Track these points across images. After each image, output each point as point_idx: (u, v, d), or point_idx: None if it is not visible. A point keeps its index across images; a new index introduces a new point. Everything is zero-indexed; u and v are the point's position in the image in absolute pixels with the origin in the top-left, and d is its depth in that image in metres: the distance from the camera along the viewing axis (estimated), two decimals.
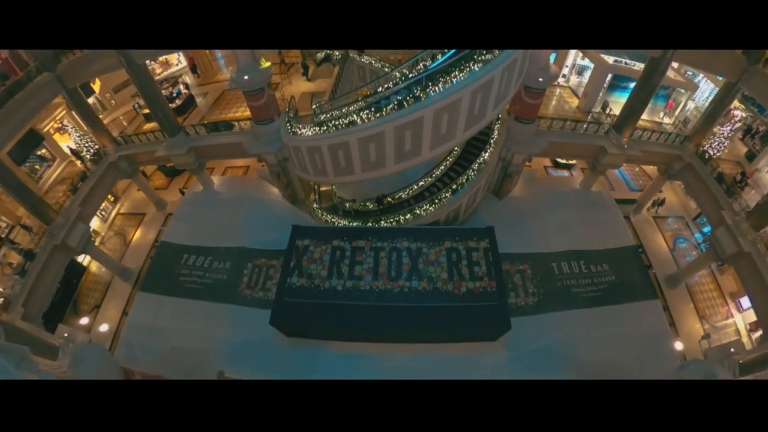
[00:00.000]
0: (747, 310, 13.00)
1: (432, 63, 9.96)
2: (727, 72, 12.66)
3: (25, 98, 12.79)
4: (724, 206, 12.45)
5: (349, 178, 11.14)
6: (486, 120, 10.47)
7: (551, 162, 18.50)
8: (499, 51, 9.36)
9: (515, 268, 12.47)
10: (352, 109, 10.30)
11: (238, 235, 13.55)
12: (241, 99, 14.69)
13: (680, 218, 17.07)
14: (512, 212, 14.21)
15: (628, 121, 13.26)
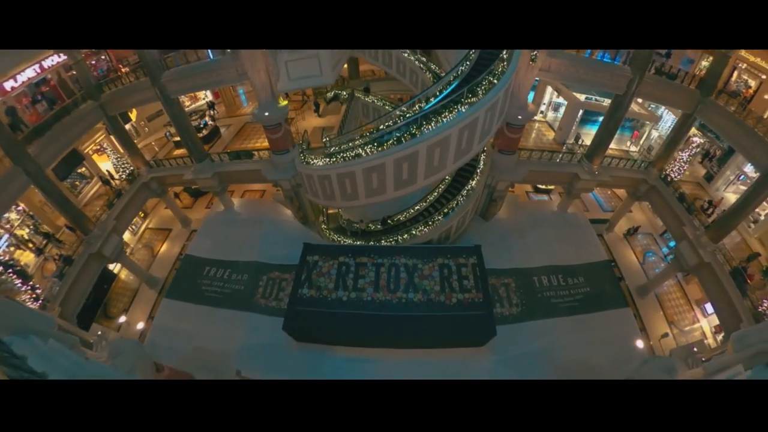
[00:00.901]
0: (711, 314, 13.19)
1: (426, 105, 10.37)
2: (684, 104, 13.27)
3: (71, 123, 13.37)
4: (686, 222, 12.77)
5: (354, 202, 11.44)
6: (472, 152, 10.82)
7: (532, 188, 18.71)
8: (483, 94, 9.79)
9: (500, 281, 12.63)
10: (357, 143, 10.64)
11: (254, 250, 13.75)
12: (260, 131, 15.16)
13: (648, 234, 17.36)
14: (497, 232, 14.40)
15: (598, 151, 13.72)
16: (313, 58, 11.98)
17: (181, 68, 13.20)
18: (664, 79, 12.88)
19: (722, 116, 12.31)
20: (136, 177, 15.70)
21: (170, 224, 18.27)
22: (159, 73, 12.90)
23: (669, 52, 16.78)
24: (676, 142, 14.19)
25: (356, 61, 18.63)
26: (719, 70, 12.52)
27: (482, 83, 9.85)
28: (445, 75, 11.28)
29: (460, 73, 10.82)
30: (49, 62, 14.05)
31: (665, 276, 14.13)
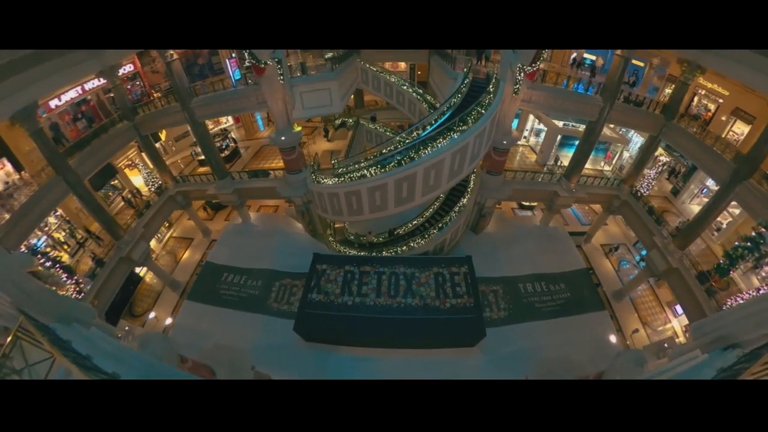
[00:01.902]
0: (681, 315, 13.27)
1: (423, 132, 10.68)
2: (650, 128, 13.59)
3: (108, 140, 13.69)
4: (655, 232, 12.95)
5: (359, 217, 11.62)
6: (464, 173, 11.10)
7: (517, 204, 18.82)
8: (472, 122, 10.14)
9: (489, 288, 12.71)
10: (362, 165, 10.85)
11: (268, 259, 13.85)
12: (276, 153, 15.61)
13: (623, 245, 17.46)
14: (486, 245, 14.51)
15: (575, 171, 14.01)
16: (325, 90, 12.44)
17: (208, 96, 13.59)
18: (632, 106, 13.30)
19: (684, 137, 12.68)
20: (164, 190, 15.93)
21: (192, 234, 18.44)
22: (188, 99, 13.28)
23: (636, 82, 17.31)
24: (644, 162, 14.51)
25: (361, 92, 19.08)
26: (681, 96, 12.88)
27: (472, 113, 10.23)
28: (439, 106, 11.67)
29: (452, 104, 11.19)
30: (90, 85, 14.57)
31: (639, 281, 14.25)
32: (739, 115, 13.17)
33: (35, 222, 11.31)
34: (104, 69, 13.17)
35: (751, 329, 5.08)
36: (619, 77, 12.02)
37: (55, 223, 13.69)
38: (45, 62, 10.79)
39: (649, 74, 17.06)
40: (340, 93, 12.99)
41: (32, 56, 10.37)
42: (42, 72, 10.76)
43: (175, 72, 12.70)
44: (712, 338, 5.77)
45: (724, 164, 11.00)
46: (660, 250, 12.22)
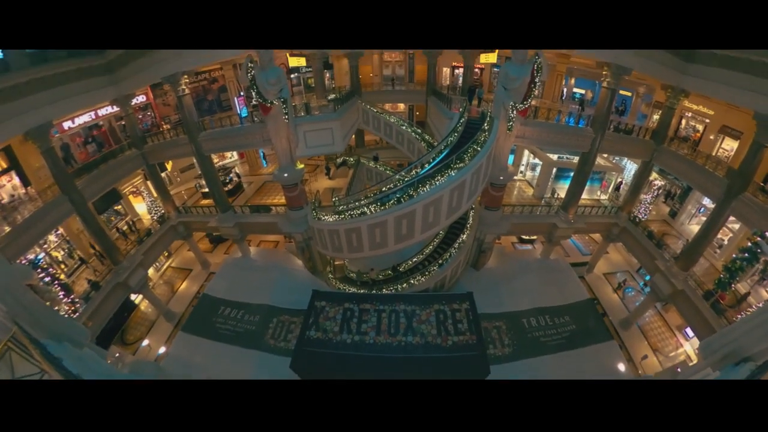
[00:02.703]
0: (692, 337, 12.86)
1: (421, 170, 10.89)
2: (642, 154, 13.93)
3: (115, 165, 14.09)
4: (656, 256, 12.84)
5: (359, 254, 11.53)
6: (462, 210, 11.12)
7: (516, 239, 18.74)
8: (469, 160, 10.36)
9: (492, 324, 12.37)
10: (363, 202, 10.90)
11: (267, 295, 13.58)
12: (278, 189, 15.76)
13: (626, 272, 17.32)
14: (487, 280, 14.27)
15: (572, 202, 14.10)
16: (327, 129, 12.86)
17: (216, 131, 14.03)
18: (622, 134, 13.72)
19: (676, 159, 13.02)
20: (166, 220, 16.01)
21: (191, 265, 18.27)
22: (196, 133, 13.67)
23: (625, 111, 17.84)
24: (640, 187, 14.68)
25: (362, 132, 19.62)
26: (668, 120, 13.37)
27: (468, 151, 10.48)
28: (437, 144, 11.98)
29: (449, 143, 11.49)
30: (104, 111, 15.25)
31: (645, 307, 13.94)
32: (727, 132, 13.54)
33: (36, 238, 11.39)
34: (119, 97, 13.89)
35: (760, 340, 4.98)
36: (608, 108, 12.48)
37: (54, 242, 13.70)
38: (64, 84, 11.45)
39: (636, 102, 17.71)
40: (341, 133, 13.40)
41: (52, 77, 11.04)
42: (60, 93, 11.37)
43: (185, 106, 13.20)
44: (722, 354, 5.60)
45: (717, 181, 11.22)
46: (664, 273, 12.08)
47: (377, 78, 21.46)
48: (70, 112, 13.30)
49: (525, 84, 10.48)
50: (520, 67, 10.55)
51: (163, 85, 15.02)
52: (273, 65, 11.19)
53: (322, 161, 21.20)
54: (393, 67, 22.00)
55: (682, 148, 13.20)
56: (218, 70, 19.13)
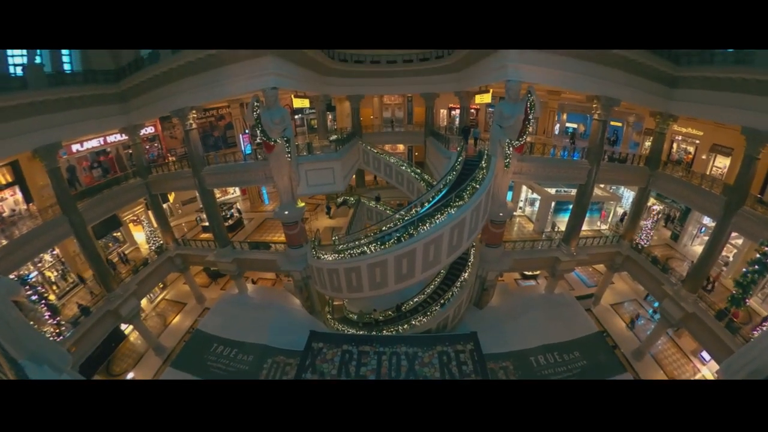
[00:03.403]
0: (709, 361, 12.28)
1: (421, 209, 10.82)
2: (638, 181, 14.06)
3: (119, 192, 14.20)
4: (663, 282, 12.55)
5: (358, 294, 11.21)
6: (463, 248, 10.95)
7: (519, 275, 18.32)
8: (468, 197, 10.33)
9: (498, 365, 11.72)
10: (363, 242, 10.74)
11: (262, 334, 13.02)
12: (278, 227, 15.54)
13: (633, 301, 16.87)
14: (492, 319, 13.79)
15: (573, 234, 13.97)
16: (329, 169, 13.05)
17: (220, 166, 14.24)
18: (617, 164, 13.95)
19: (672, 183, 13.19)
20: (164, 251, 15.84)
21: (186, 299, 17.78)
22: (200, 167, 13.86)
23: (617, 141, 18.22)
24: (639, 214, 14.67)
25: (362, 172, 19.96)
26: (660, 146, 13.65)
27: (467, 189, 10.50)
28: (436, 184, 12.05)
29: (448, 182, 11.55)
30: (113, 138, 15.60)
31: (656, 335, 13.41)
32: (718, 150, 13.82)
33: (31, 255, 11.25)
34: (128, 126, 14.31)
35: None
36: (601, 139, 12.76)
37: (49, 261, 13.53)
38: (77, 108, 11.81)
39: (627, 132, 18.24)
40: (342, 172, 13.57)
41: (67, 99, 11.44)
42: (72, 116, 11.67)
43: (192, 140, 13.52)
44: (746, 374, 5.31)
45: (715, 199, 11.27)
46: (672, 298, 11.80)
47: (377, 120, 22.21)
48: (80, 136, 13.68)
49: (519, 121, 10.78)
50: (513, 105, 10.89)
51: (172, 118, 15.65)
52: (278, 105, 11.59)
53: (322, 200, 21.17)
54: (392, 110, 22.83)
55: (677, 171, 13.46)
56: (226, 107, 19.84)
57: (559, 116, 19.73)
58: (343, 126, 21.73)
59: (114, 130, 14.76)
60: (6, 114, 9.75)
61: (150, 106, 13.55)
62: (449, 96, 18.51)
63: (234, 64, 11.60)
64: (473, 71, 14.61)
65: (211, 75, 12.00)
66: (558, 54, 10.97)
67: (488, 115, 21.39)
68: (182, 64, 11.98)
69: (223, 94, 12.81)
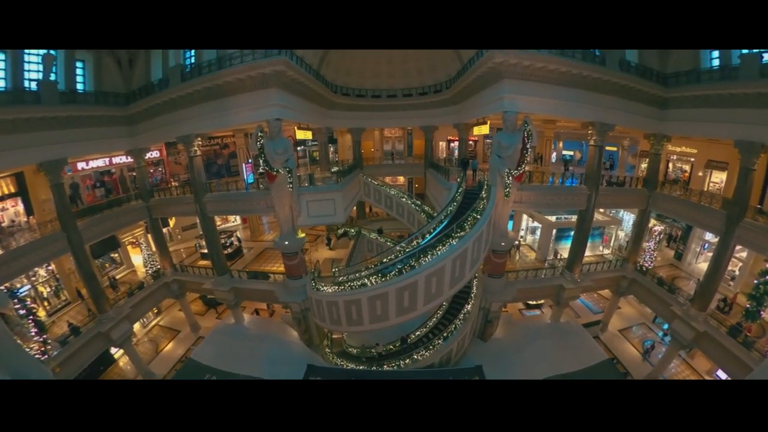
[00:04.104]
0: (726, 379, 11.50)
1: (422, 240, 10.71)
2: (637, 203, 14.07)
3: (120, 213, 14.21)
4: (671, 302, 12.26)
5: (358, 327, 10.87)
6: (465, 279, 10.73)
7: (523, 305, 17.87)
8: (469, 228, 10.23)
9: None
10: (363, 274, 10.59)
11: (257, 366, 12.43)
12: (278, 257, 15.27)
13: (641, 324, 16.40)
14: (497, 351, 13.28)
15: (576, 261, 13.77)
16: (330, 200, 13.07)
17: (222, 193, 14.27)
18: (615, 188, 14.01)
19: (671, 202, 13.23)
20: (161, 275, 15.56)
21: (180, 326, 17.25)
22: (202, 194, 13.92)
23: (613, 165, 18.29)
24: (641, 236, 14.56)
25: (363, 204, 20.03)
26: (656, 166, 13.80)
27: (468, 219, 10.44)
28: (437, 215, 12.00)
29: (449, 213, 11.51)
30: (118, 159, 15.77)
31: (669, 358, 12.88)
32: (713, 166, 13.95)
33: (26, 267, 10.98)
34: (134, 149, 14.50)
35: None
36: (598, 164, 12.92)
37: (43, 276, 13.28)
38: (86, 127, 12.03)
39: (623, 155, 18.44)
40: (343, 204, 13.61)
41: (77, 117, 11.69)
42: (81, 134, 11.86)
43: (195, 166, 13.65)
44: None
45: (715, 214, 11.22)
46: (682, 318, 11.50)
47: (378, 152, 22.64)
48: (87, 154, 13.89)
49: (518, 151, 10.91)
50: (511, 135, 11.08)
51: (177, 144, 16.01)
52: (281, 136, 11.80)
53: (323, 231, 20.94)
54: (393, 142, 23.29)
55: (675, 190, 13.56)
56: (230, 136, 20.21)
57: (556, 144, 20.04)
58: (344, 158, 22.04)
59: (120, 152, 15.01)
60: (17, 126, 10.03)
61: (157, 131, 13.86)
62: (448, 128, 18.92)
63: (240, 94, 11.94)
64: (471, 104, 15.01)
65: (217, 104, 12.32)
66: (551, 84, 11.35)
67: (486, 146, 21.71)
68: (190, 92, 12.37)
69: (228, 123, 13.10)
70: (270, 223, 22.38)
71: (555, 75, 11.34)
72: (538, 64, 10.99)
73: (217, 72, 11.73)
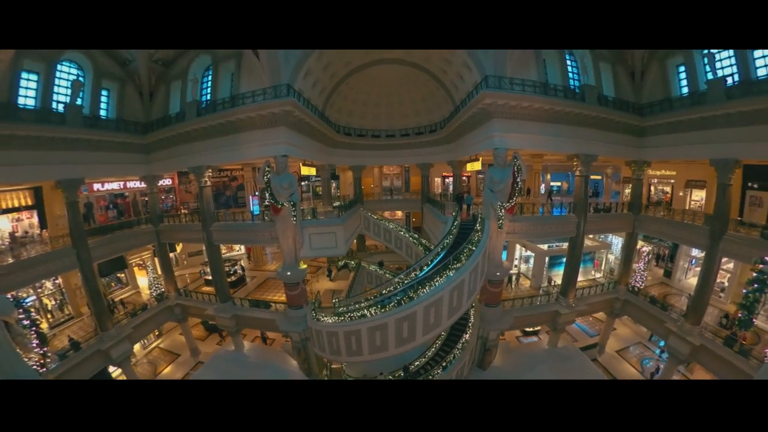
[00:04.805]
0: None
1: (420, 272, 10.60)
2: (624, 227, 14.23)
3: (129, 235, 14.27)
4: (665, 319, 12.08)
5: (358, 358, 10.47)
6: (463, 309, 10.52)
7: (520, 332, 17.45)
8: (465, 259, 10.14)
9: None
10: (363, 305, 10.35)
11: None
12: (279, 286, 15.05)
13: (638, 344, 16.04)
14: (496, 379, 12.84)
15: (569, 286, 13.66)
16: (331, 233, 13.12)
17: (228, 223, 14.35)
18: (602, 214, 14.27)
19: (656, 223, 13.41)
20: (164, 299, 15.30)
21: (180, 350, 16.67)
22: (210, 222, 13.99)
23: (599, 192, 18.61)
24: (630, 258, 14.59)
25: (363, 237, 20.13)
26: (639, 191, 14.09)
27: (464, 251, 10.39)
28: (434, 247, 11.99)
29: (445, 245, 11.50)
30: (132, 184, 16.01)
31: (668, 374, 12.39)
32: (693, 185, 14.24)
33: (33, 279, 10.95)
34: (148, 176, 14.78)
35: None
36: (585, 192, 13.19)
37: (50, 289, 13.05)
38: (105, 151, 12.38)
39: (607, 183, 18.87)
40: (344, 237, 13.65)
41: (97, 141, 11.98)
42: (99, 157, 12.17)
43: (205, 196, 13.82)
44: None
45: (699, 231, 11.31)
46: (677, 334, 11.29)
47: (377, 188, 23.12)
48: (103, 177, 14.15)
49: (509, 185, 11.12)
50: (502, 170, 11.34)
51: (189, 173, 16.24)
52: (287, 171, 12.03)
53: (324, 263, 20.82)
54: (391, 179, 23.85)
55: (659, 212, 13.80)
56: (239, 169, 20.56)
57: (544, 176, 20.46)
58: (345, 193, 22.37)
59: (134, 177, 15.33)
60: (42, 143, 10.45)
61: (171, 160, 14.22)
62: (443, 165, 19.46)
63: (251, 131, 12.42)
64: (463, 142, 15.50)
65: (229, 139, 12.76)
66: (537, 121, 11.90)
67: (479, 181, 22.13)
68: (205, 126, 12.85)
69: (238, 158, 13.45)
70: (273, 253, 22.21)
71: (540, 112, 11.89)
72: (524, 103, 11.56)
73: (230, 109, 12.33)
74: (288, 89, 11.88)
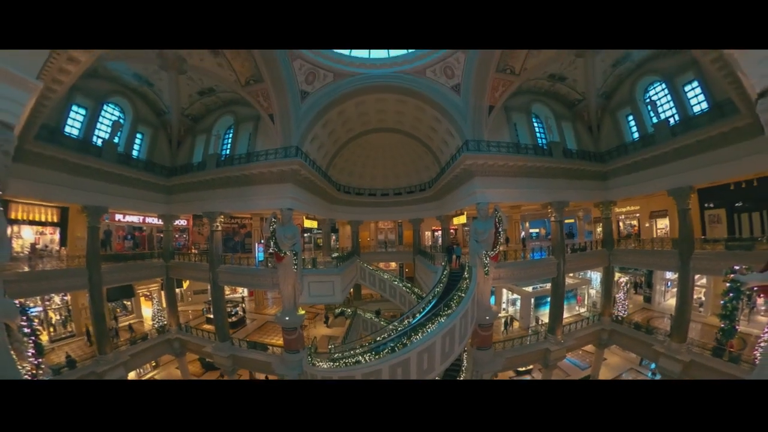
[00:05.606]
0: None
1: (413, 319, 10.69)
2: (600, 262, 14.78)
3: (141, 266, 14.58)
4: (652, 342, 12.01)
5: None
6: (455, 354, 10.45)
7: (513, 372, 16.77)
8: (456, 306, 10.28)
9: None
10: (358, 351, 10.26)
11: None
12: (278, 330, 14.85)
13: (630, 370, 15.64)
14: None
15: (556, 323, 13.71)
16: (329, 282, 13.40)
17: (234, 267, 14.60)
18: (579, 253, 14.85)
19: (629, 255, 13.99)
20: (165, 331, 15.04)
21: None
22: (217, 264, 14.21)
23: (573, 234, 19.10)
24: (610, 290, 14.88)
25: (359, 286, 20.31)
26: (609, 228, 14.86)
27: (454, 298, 10.61)
28: (425, 296, 12.25)
29: (436, 293, 11.72)
30: (150, 220, 16.42)
31: None
32: (656, 215, 14.96)
33: (44, 290, 11.15)
34: (166, 214, 15.36)
35: None
36: (561, 235, 13.83)
37: (57, 304, 12.88)
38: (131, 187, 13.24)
39: (580, 225, 19.47)
40: (342, 286, 13.92)
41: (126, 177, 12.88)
42: (125, 192, 12.98)
43: (215, 239, 14.29)
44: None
45: (669, 255, 11.78)
46: (665, 354, 11.13)
47: (373, 241, 23.97)
48: (126, 209, 14.54)
49: (492, 235, 11.77)
50: (485, 222, 12.08)
51: (203, 217, 16.68)
52: (291, 223, 12.66)
53: (322, 310, 20.71)
54: (386, 233, 24.77)
55: (630, 244, 14.53)
56: (249, 218, 21.10)
57: (523, 225, 21.30)
58: (344, 245, 22.94)
59: (154, 214, 15.87)
60: (78, 170, 11.30)
61: (188, 204, 15.02)
62: (432, 220, 20.55)
63: (261, 185, 13.38)
64: (450, 199, 16.59)
65: (242, 190, 13.66)
66: (513, 176, 13.05)
67: (465, 233, 22.67)
68: (222, 177, 13.86)
69: (248, 207, 14.27)
70: (274, 298, 22.02)
71: (514, 169, 13.11)
72: (500, 162, 12.84)
73: (245, 164, 13.49)
74: (297, 151, 13.09)
